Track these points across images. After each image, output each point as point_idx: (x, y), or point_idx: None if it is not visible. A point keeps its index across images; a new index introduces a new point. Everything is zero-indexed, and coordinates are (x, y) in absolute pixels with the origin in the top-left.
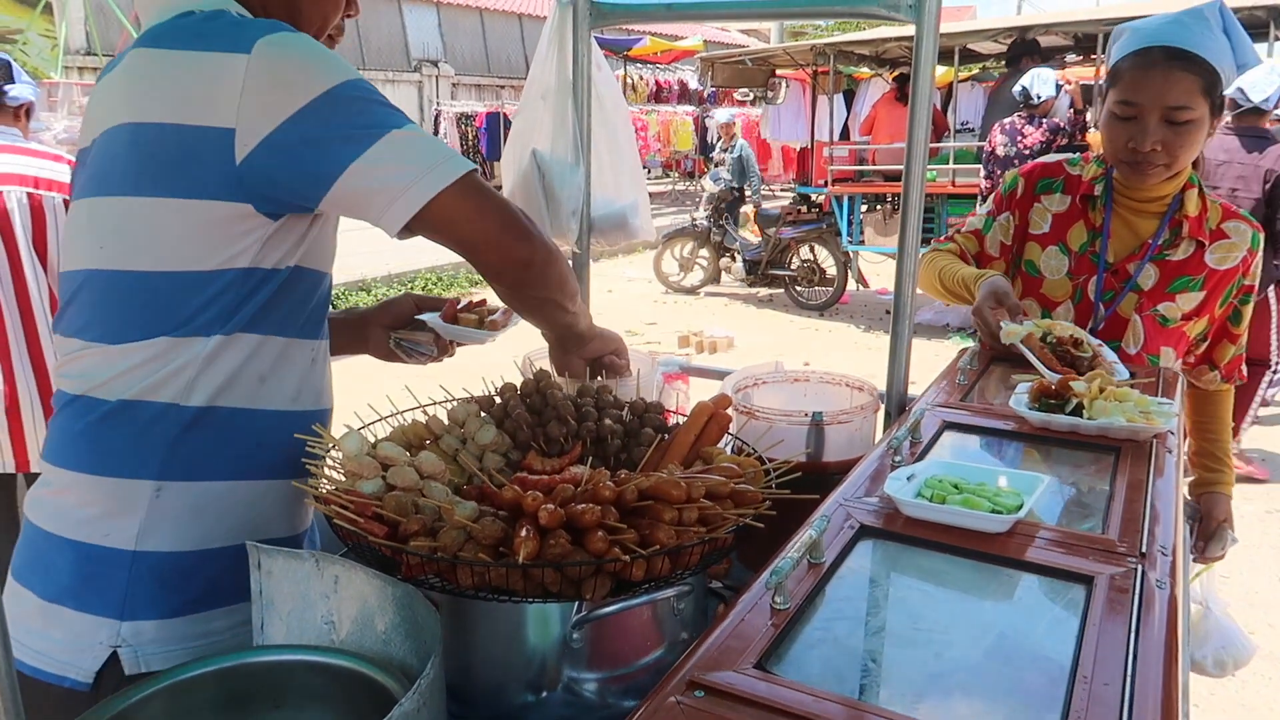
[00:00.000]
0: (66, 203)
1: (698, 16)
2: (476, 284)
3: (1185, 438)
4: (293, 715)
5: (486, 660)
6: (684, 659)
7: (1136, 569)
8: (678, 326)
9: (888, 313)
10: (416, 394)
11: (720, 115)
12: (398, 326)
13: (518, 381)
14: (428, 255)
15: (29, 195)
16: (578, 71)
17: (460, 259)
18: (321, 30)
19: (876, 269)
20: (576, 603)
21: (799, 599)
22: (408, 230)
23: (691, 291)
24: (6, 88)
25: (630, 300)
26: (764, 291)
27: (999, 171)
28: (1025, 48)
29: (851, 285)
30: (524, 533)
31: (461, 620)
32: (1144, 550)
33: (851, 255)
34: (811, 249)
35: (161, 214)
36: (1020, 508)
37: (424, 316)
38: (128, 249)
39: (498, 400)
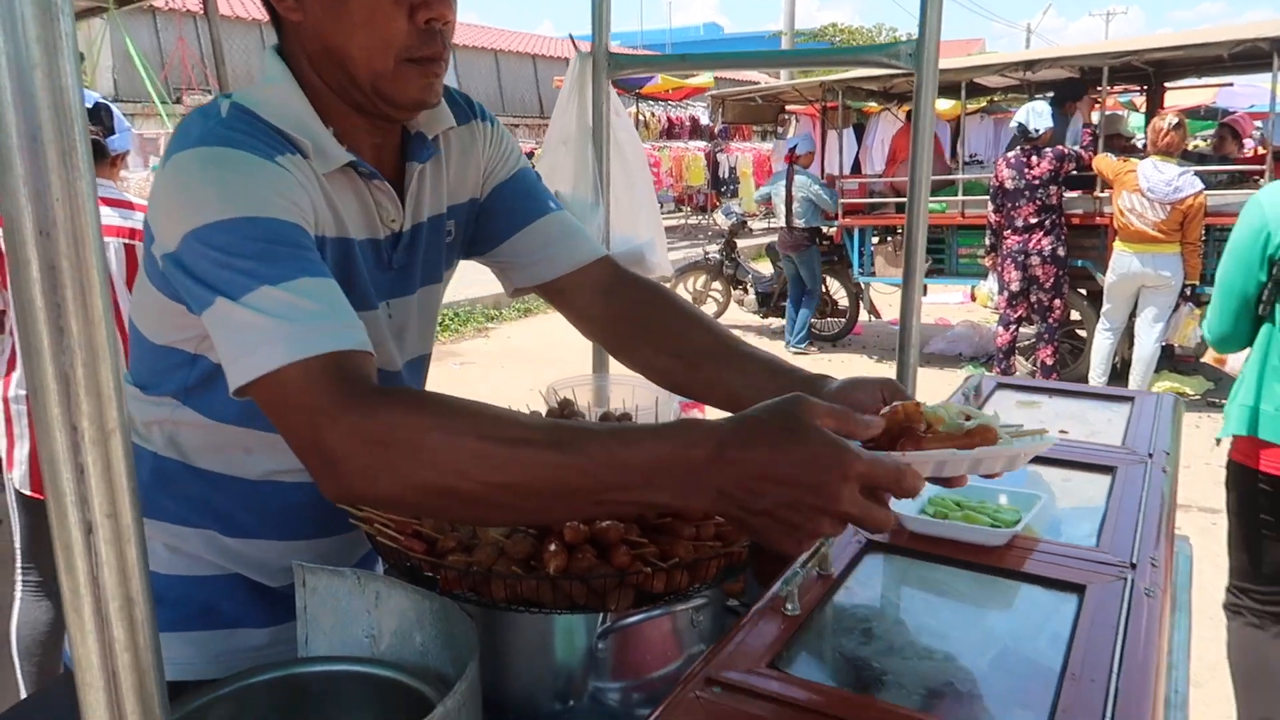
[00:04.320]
0: None
1: (708, 66)
2: (493, 319)
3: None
4: None
5: (518, 671)
6: (703, 660)
7: (1126, 578)
8: None
9: None
10: None
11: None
12: None
13: (543, 410)
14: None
15: (125, 246)
16: (597, 118)
17: (482, 291)
18: (383, 58)
19: (888, 300)
20: (601, 614)
21: (809, 607)
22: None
23: None
24: (110, 139)
25: None
26: (776, 323)
27: (1008, 205)
28: (1071, 90)
29: (864, 316)
30: (552, 547)
31: (494, 633)
32: (1134, 561)
33: (863, 286)
34: (824, 281)
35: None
36: (1018, 523)
37: None
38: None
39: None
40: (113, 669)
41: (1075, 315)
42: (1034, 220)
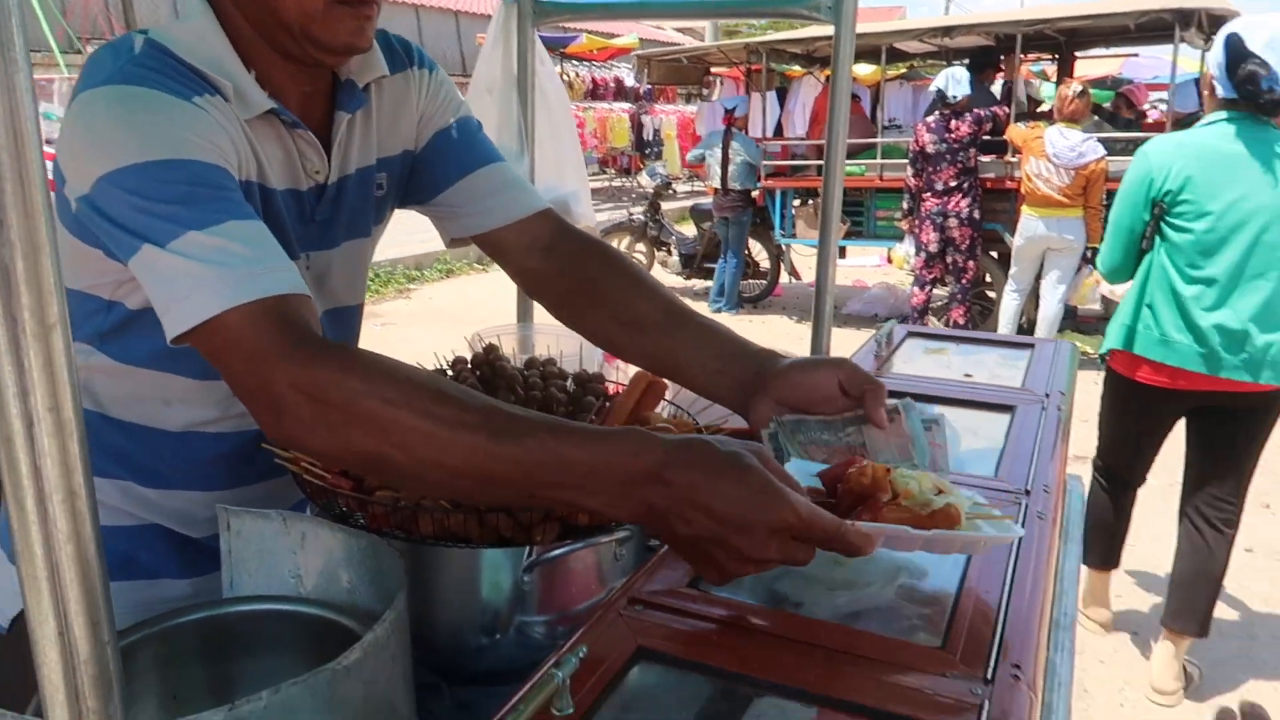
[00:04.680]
0: None
1: (635, 14)
2: (414, 280)
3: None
4: (267, 663)
5: (445, 606)
6: (627, 583)
7: (1021, 504)
8: None
9: None
10: None
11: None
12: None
13: (468, 356)
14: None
15: None
16: (522, 66)
17: (435, 246)
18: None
19: (808, 262)
20: (527, 549)
21: None
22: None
23: None
24: None
25: None
26: (699, 284)
27: (928, 168)
28: (987, 58)
29: (784, 278)
30: None
31: (421, 570)
32: (1029, 488)
33: (784, 248)
34: (746, 242)
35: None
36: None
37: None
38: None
39: (449, 373)
40: (55, 560)
41: (986, 277)
42: (953, 183)
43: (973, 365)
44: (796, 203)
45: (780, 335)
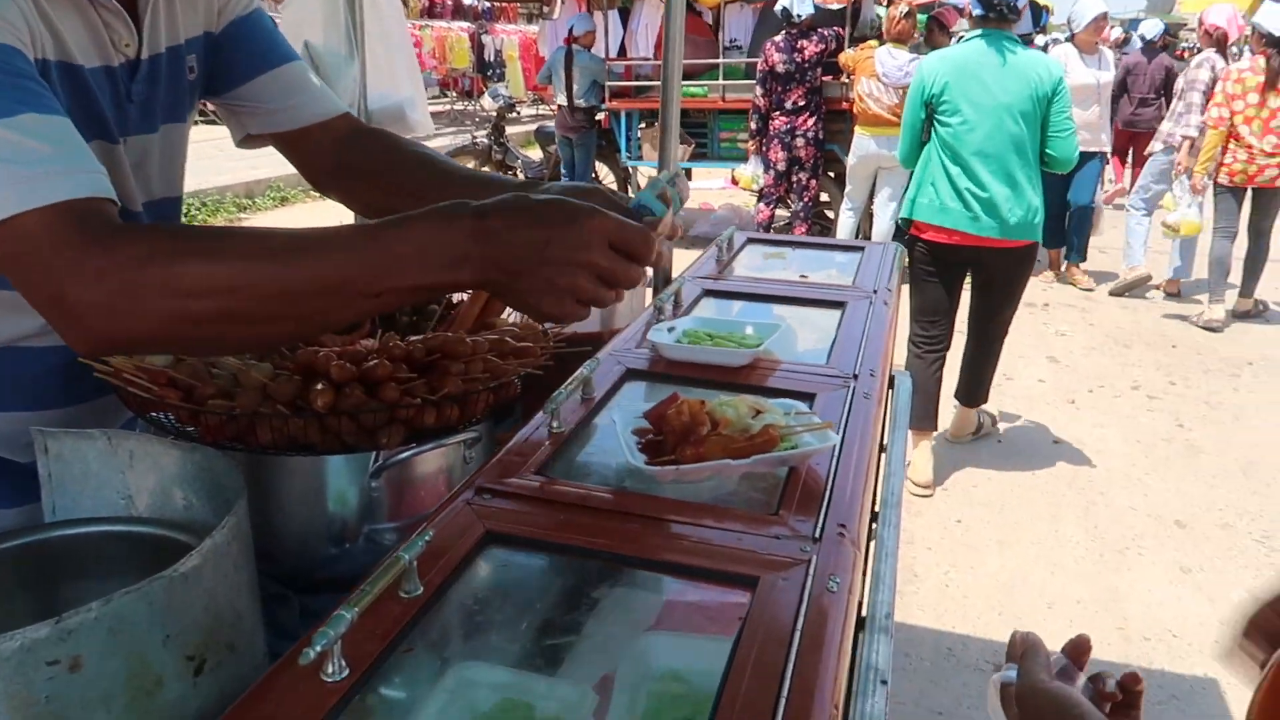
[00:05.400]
0: None
1: None
2: (245, 209)
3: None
4: (99, 586)
5: (291, 517)
6: (474, 474)
7: (849, 387)
8: None
9: None
10: None
11: None
12: None
13: None
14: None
15: None
16: None
17: (268, 172)
18: None
19: None
20: (373, 454)
21: (572, 424)
22: None
23: None
24: None
25: None
26: None
27: (778, 88)
28: None
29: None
30: (319, 385)
31: (263, 482)
32: (856, 373)
33: (631, 170)
34: (593, 165)
35: None
36: (760, 345)
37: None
38: None
39: None
40: None
41: (825, 197)
42: (802, 103)
43: (809, 267)
44: (642, 126)
45: None
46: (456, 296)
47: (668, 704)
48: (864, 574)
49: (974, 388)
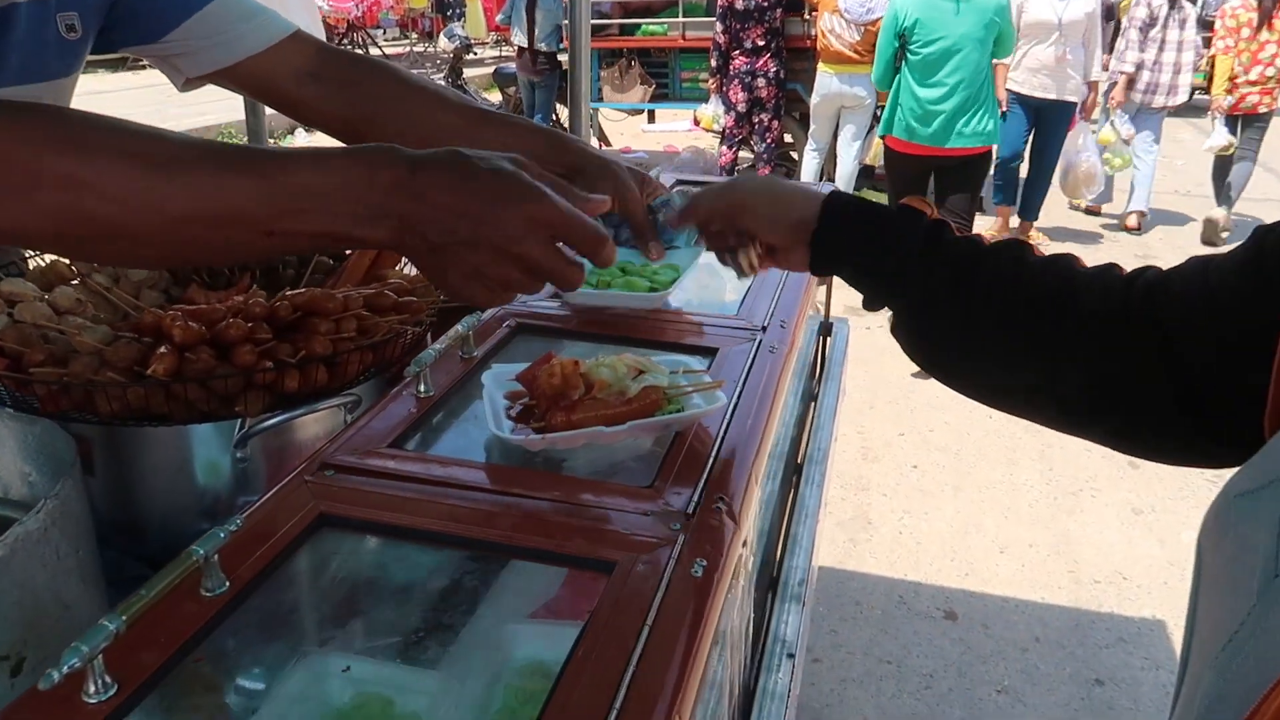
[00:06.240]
0: None
1: None
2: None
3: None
4: None
5: (152, 491)
6: (320, 448)
7: (755, 339)
8: None
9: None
10: None
11: None
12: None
13: None
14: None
15: None
16: None
17: (221, 118)
18: None
19: (619, 128)
20: (240, 421)
21: (445, 388)
22: None
23: None
24: None
25: None
26: None
27: (737, 25)
28: None
29: (593, 144)
30: (161, 349)
31: (118, 453)
32: (765, 325)
33: (592, 113)
34: (554, 107)
35: None
36: (674, 281)
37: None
38: None
39: None
40: None
41: (789, 138)
42: (761, 42)
43: None
44: (602, 67)
45: None
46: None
47: (525, 700)
48: (782, 537)
49: None
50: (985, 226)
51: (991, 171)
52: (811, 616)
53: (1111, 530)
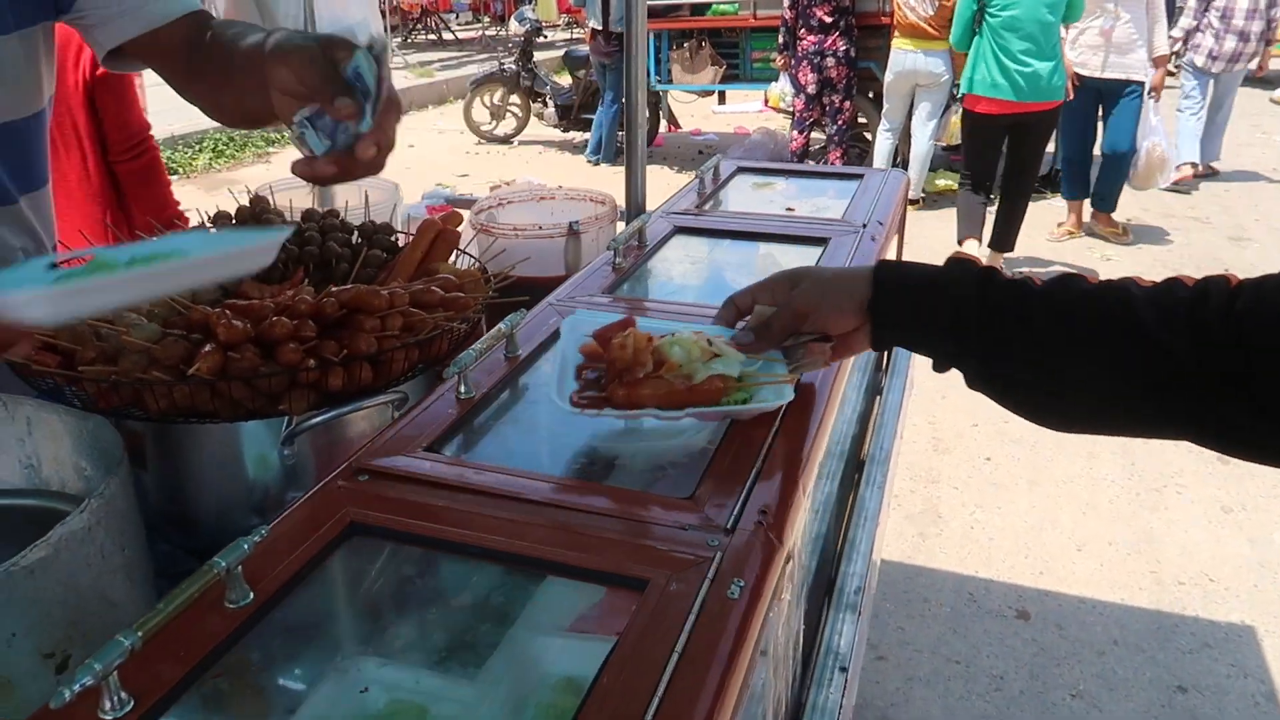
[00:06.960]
0: None
1: None
2: (273, 143)
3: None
4: None
5: (204, 486)
6: (361, 449)
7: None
8: (489, 177)
9: (700, 153)
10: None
11: None
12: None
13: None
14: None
15: None
16: None
17: None
18: None
19: (689, 109)
20: (287, 419)
21: (485, 388)
22: None
23: (505, 140)
24: None
25: (440, 153)
26: (579, 136)
27: (804, 2)
28: None
29: (663, 127)
30: (206, 349)
31: (170, 449)
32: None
33: (661, 95)
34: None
35: None
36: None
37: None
38: None
39: (210, 228)
40: None
41: (862, 119)
42: (829, 20)
43: (798, 199)
44: (672, 47)
45: (661, 185)
46: (404, 239)
47: (556, 717)
48: (840, 541)
49: (1003, 236)
50: (1058, 221)
51: (1059, 165)
52: (871, 621)
53: (1198, 529)
